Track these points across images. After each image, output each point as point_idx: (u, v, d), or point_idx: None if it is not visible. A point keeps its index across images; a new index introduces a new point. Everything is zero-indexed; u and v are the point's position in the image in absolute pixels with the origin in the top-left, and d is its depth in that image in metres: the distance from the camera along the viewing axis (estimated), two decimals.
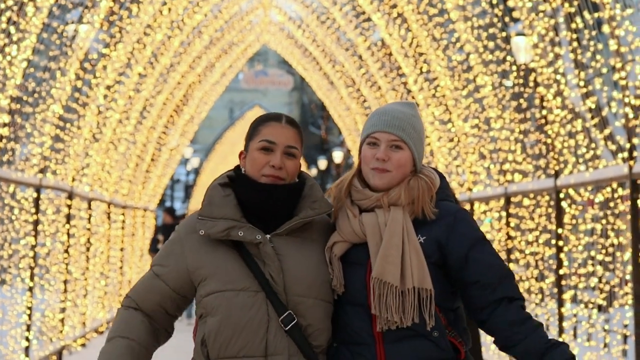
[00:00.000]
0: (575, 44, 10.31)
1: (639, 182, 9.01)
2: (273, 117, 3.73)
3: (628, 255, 9.33)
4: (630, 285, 9.50)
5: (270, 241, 3.59)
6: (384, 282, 3.50)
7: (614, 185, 10.00)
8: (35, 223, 12.64)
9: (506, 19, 12.72)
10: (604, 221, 10.48)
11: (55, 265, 14.02)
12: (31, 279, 12.45)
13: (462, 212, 3.67)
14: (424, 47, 15.66)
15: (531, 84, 12.06)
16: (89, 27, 13.38)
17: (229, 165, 28.14)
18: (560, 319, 11.21)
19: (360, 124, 22.22)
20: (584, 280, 10.95)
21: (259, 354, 3.50)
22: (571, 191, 11.20)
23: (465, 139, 15.15)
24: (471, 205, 14.99)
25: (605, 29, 9.26)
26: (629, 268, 9.37)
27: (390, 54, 18.11)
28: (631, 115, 8.98)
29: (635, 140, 9.02)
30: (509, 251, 13.22)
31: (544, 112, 11.52)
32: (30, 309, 12.29)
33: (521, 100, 12.64)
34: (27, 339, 12.05)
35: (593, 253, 10.80)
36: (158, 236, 21.12)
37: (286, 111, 63.04)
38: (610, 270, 10.51)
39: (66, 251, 14.45)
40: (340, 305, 3.60)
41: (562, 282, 11.23)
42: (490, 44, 13.12)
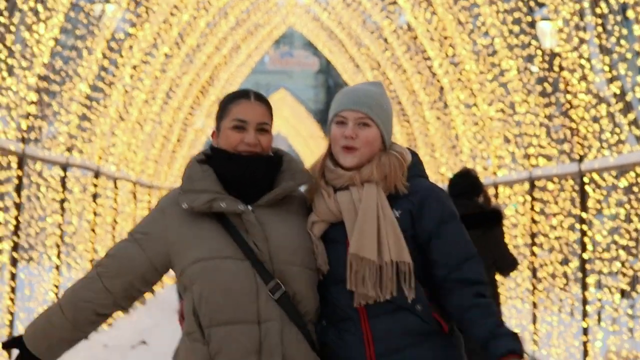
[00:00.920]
0: (599, 28, 10.30)
1: None
2: (242, 95, 3.75)
3: None
4: None
5: (252, 211, 3.62)
6: (361, 258, 3.54)
7: (638, 170, 10.00)
8: (62, 201, 12.78)
9: (531, 4, 12.69)
10: (628, 206, 10.48)
11: (81, 243, 14.16)
12: (58, 257, 12.59)
13: (435, 189, 3.70)
14: (449, 31, 15.66)
15: (556, 68, 12.04)
16: (116, 7, 13.48)
17: None
18: (584, 303, 11.23)
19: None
20: (607, 265, 10.96)
21: (251, 319, 3.53)
22: (595, 176, 11.20)
23: (490, 123, 15.15)
24: (496, 189, 15.01)
25: (630, 14, 9.25)
26: None
27: (415, 38, 18.10)
28: None
29: None
30: (533, 235, 13.23)
31: (569, 97, 11.52)
32: (57, 287, 12.45)
33: (546, 85, 12.63)
34: None
35: (617, 238, 10.80)
36: None
37: (312, 94, 63.01)
38: (634, 255, 10.51)
39: (92, 230, 14.59)
40: (325, 285, 3.64)
41: (587, 267, 11.24)
42: (516, 28, 13.10)
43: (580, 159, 11.33)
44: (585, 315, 11.12)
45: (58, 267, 12.66)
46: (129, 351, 13.68)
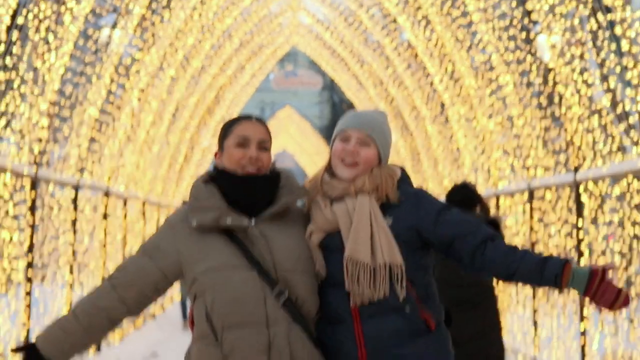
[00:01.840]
0: (590, 44, 10.62)
1: None
2: (244, 117, 4.11)
3: None
4: None
5: (256, 225, 3.92)
6: (356, 261, 3.87)
7: (630, 178, 10.27)
8: (74, 221, 13.06)
9: (525, 21, 12.99)
10: (621, 213, 10.73)
11: (93, 261, 14.42)
12: (70, 274, 12.86)
13: (422, 191, 4.06)
14: (448, 48, 15.93)
15: (550, 82, 12.32)
16: (123, 33, 13.76)
17: None
18: (582, 306, 11.45)
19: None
20: None
21: (261, 322, 3.80)
22: (590, 184, 11.45)
23: (490, 136, 15.41)
24: (497, 200, 15.24)
25: (618, 30, 9.58)
26: None
27: (416, 55, 18.38)
28: None
29: None
30: (533, 243, 13.44)
31: (563, 110, 11.79)
32: (70, 303, 12.68)
33: (541, 98, 12.90)
34: None
35: (611, 244, 11.03)
36: None
37: (317, 110, 63.00)
38: (628, 260, 10.73)
39: (104, 247, 14.86)
40: (323, 288, 3.96)
41: None
42: (511, 44, 13.41)
43: (576, 169, 11.60)
44: (582, 319, 11.36)
45: (71, 285, 12.91)
46: None
